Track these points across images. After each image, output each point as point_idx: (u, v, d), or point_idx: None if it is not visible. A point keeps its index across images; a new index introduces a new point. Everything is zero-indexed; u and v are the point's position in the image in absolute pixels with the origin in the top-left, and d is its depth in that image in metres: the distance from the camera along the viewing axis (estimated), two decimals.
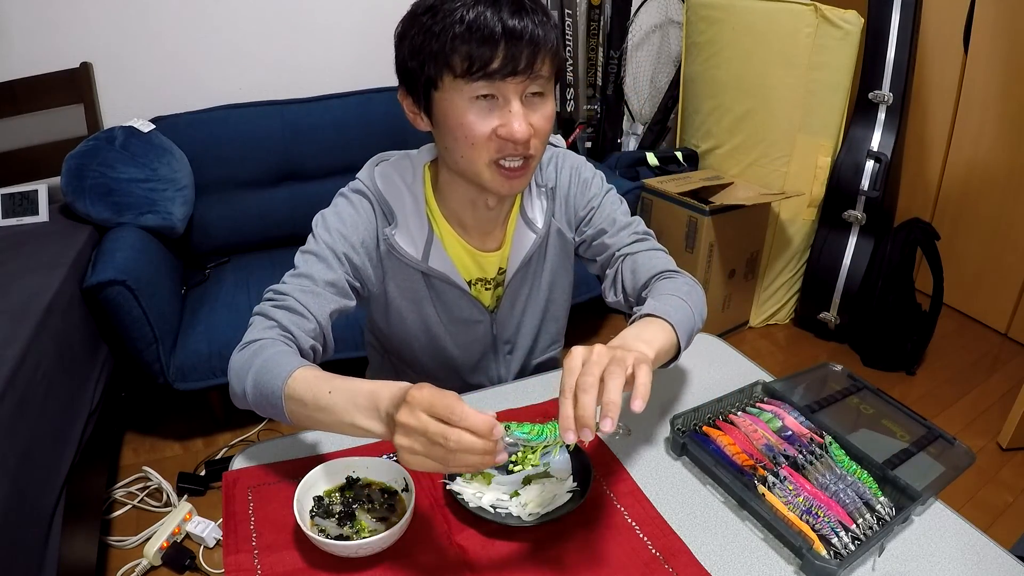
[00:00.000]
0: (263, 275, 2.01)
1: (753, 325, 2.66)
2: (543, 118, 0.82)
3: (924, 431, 0.91)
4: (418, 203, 0.92)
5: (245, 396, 0.78)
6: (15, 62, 1.91)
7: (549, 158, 1.01)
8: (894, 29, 2.26)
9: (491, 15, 0.74)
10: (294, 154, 2.17)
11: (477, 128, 0.79)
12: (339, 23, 2.30)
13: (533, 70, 0.77)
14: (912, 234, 2.28)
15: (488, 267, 0.98)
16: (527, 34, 0.75)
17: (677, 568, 0.69)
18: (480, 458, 0.60)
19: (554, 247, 1.01)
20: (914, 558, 0.72)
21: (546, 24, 0.78)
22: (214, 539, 1.55)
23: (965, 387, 2.29)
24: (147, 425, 1.99)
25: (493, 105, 0.79)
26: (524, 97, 0.79)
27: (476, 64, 0.75)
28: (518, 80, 0.77)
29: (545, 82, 0.80)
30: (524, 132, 0.78)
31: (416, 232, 0.92)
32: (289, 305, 0.83)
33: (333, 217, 0.90)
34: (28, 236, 1.71)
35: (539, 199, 0.99)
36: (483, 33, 0.74)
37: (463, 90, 0.78)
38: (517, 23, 0.75)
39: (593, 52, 2.70)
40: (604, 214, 1.00)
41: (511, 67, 0.75)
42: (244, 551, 0.70)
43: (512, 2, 0.76)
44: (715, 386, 0.98)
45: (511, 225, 0.97)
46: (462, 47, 0.75)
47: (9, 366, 1.15)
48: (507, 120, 0.78)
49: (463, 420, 0.59)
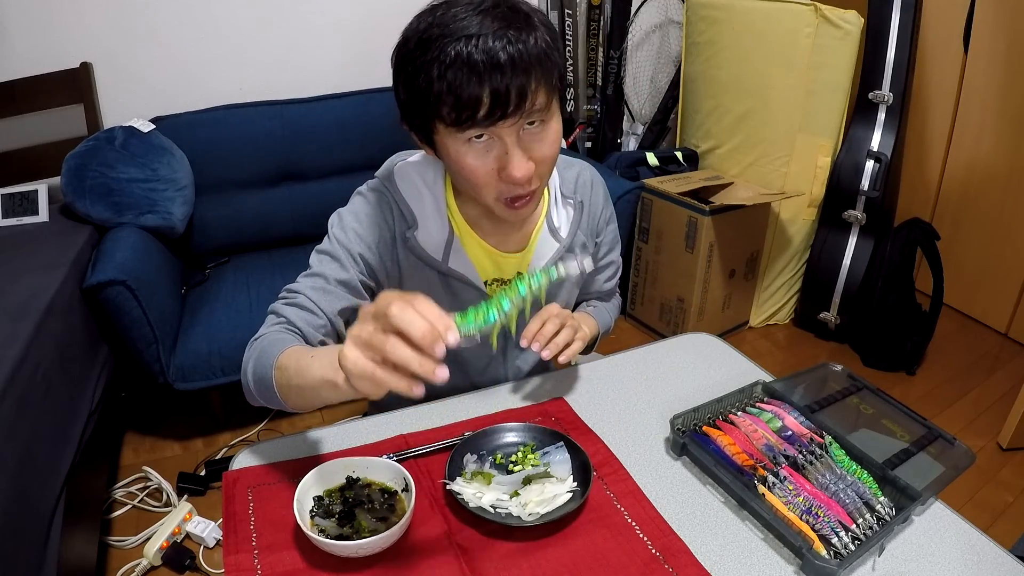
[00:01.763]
0: (263, 275, 2.01)
1: (753, 325, 2.66)
2: (546, 145, 0.79)
3: (924, 431, 0.91)
4: (439, 204, 0.92)
5: (249, 387, 0.79)
6: (15, 62, 1.91)
7: (579, 171, 1.02)
8: (894, 29, 2.26)
9: (474, 52, 0.70)
10: (294, 154, 2.17)
11: (479, 171, 0.79)
12: (339, 23, 2.30)
13: (524, 108, 0.73)
14: (912, 234, 2.28)
15: (507, 268, 0.98)
16: (512, 69, 0.71)
17: (677, 568, 0.69)
18: (419, 358, 0.54)
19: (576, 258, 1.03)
20: (914, 558, 0.72)
21: (534, 45, 0.73)
22: (214, 539, 1.55)
23: (965, 387, 2.29)
24: (147, 425, 1.99)
25: (491, 144, 0.77)
26: (522, 131, 0.77)
27: (463, 114, 0.73)
28: (510, 122, 0.74)
29: (542, 111, 0.76)
30: (524, 173, 0.77)
31: (436, 233, 0.92)
32: (299, 303, 0.84)
33: (350, 216, 0.90)
34: (28, 236, 1.71)
35: (565, 209, 1.00)
36: (466, 79, 0.71)
37: (457, 136, 0.76)
38: (502, 56, 0.70)
39: (593, 52, 2.70)
40: (606, 243, 1.10)
41: (500, 111, 0.73)
42: (244, 551, 0.70)
43: (497, 32, 0.71)
44: (715, 386, 0.98)
45: (536, 232, 0.98)
46: (447, 97, 0.72)
47: (9, 366, 1.15)
48: (505, 163, 0.77)
49: (420, 305, 0.55)
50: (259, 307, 1.84)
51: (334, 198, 1.09)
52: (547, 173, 0.83)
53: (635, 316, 2.67)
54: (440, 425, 0.89)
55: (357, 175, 1.99)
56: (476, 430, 0.85)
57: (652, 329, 2.60)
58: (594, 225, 1.06)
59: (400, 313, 0.54)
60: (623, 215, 2.26)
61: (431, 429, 0.89)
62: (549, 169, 0.83)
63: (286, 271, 1.94)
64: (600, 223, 1.07)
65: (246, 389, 0.82)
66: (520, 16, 0.75)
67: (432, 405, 0.94)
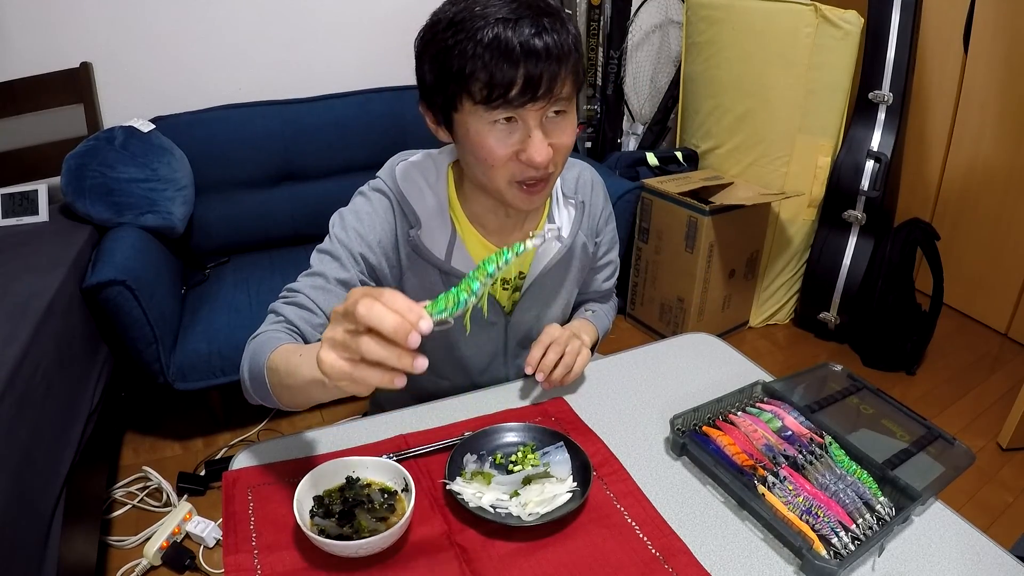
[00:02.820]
0: (263, 275, 2.01)
1: (753, 325, 2.66)
2: (566, 135, 0.82)
3: (924, 431, 0.91)
4: (441, 203, 0.92)
5: (246, 386, 0.80)
6: (15, 62, 1.91)
7: (579, 172, 1.04)
8: (894, 29, 2.26)
9: (512, 36, 0.73)
10: (294, 154, 2.16)
11: (498, 152, 0.80)
12: (339, 23, 2.30)
13: (553, 94, 0.76)
14: (912, 234, 2.28)
15: (509, 268, 0.98)
16: (547, 56, 0.74)
17: (677, 568, 0.69)
18: (391, 351, 0.53)
19: (577, 258, 1.04)
20: (914, 558, 0.72)
21: (566, 39, 0.76)
22: (214, 539, 1.55)
23: (965, 387, 2.29)
24: (147, 425, 1.99)
25: (514, 128, 0.79)
26: (545, 118, 0.79)
27: (495, 92, 0.75)
28: (538, 106, 0.77)
29: (566, 101, 0.80)
30: (544, 158, 0.79)
31: (439, 232, 0.92)
32: (299, 301, 0.84)
33: (351, 216, 0.90)
34: (28, 236, 1.70)
35: (567, 209, 1.01)
36: (502, 60, 0.73)
37: (483, 116, 0.78)
38: (537, 43, 0.73)
39: (593, 52, 2.70)
40: (605, 243, 1.11)
41: (531, 94, 0.75)
42: (244, 551, 0.70)
43: (533, 20, 0.74)
44: (715, 386, 0.98)
45: (538, 230, 0.98)
46: (481, 74, 0.74)
47: (9, 366, 1.15)
48: (527, 146, 0.79)
49: (388, 299, 0.54)
50: (259, 307, 1.84)
51: (334, 198, 1.09)
52: (561, 163, 0.85)
53: (635, 316, 2.67)
54: (440, 425, 0.89)
55: (357, 175, 1.99)
56: (476, 430, 0.85)
57: (652, 329, 2.60)
58: (594, 225, 1.07)
59: (368, 312, 0.52)
60: (623, 215, 2.26)
61: (431, 429, 0.89)
62: (563, 159, 0.85)
63: (286, 271, 1.94)
64: (600, 223, 1.08)
65: (244, 388, 0.83)
66: (552, 10, 0.78)
67: (432, 405, 0.95)
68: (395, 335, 0.52)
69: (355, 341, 0.54)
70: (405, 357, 0.53)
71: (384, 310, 0.52)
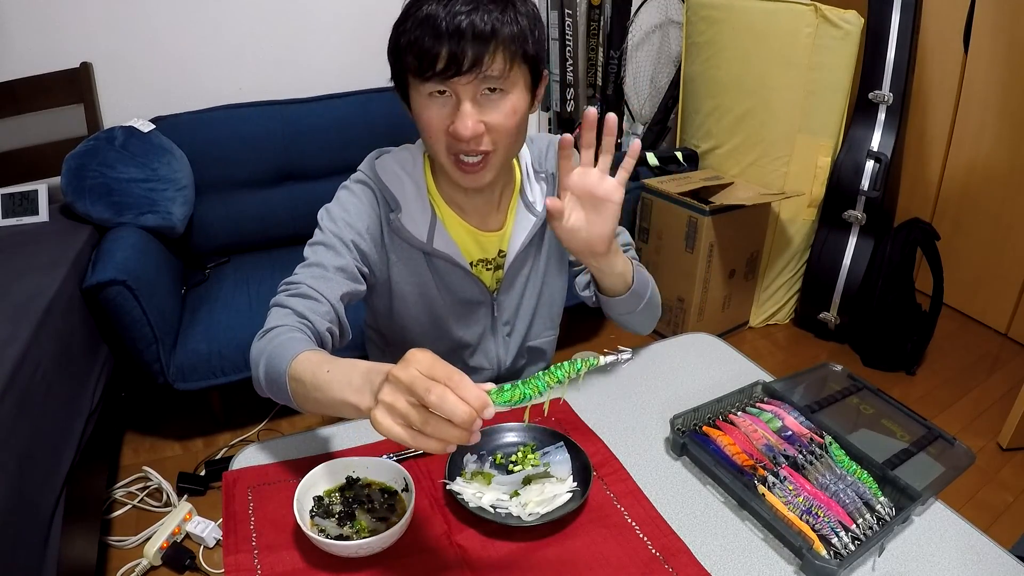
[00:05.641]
0: (263, 275, 2.01)
1: (753, 325, 2.66)
2: (502, 115, 0.82)
3: (924, 431, 0.91)
4: (419, 188, 0.94)
5: (260, 383, 0.80)
6: (15, 62, 1.91)
7: (546, 145, 1.03)
8: (894, 29, 2.26)
9: (443, 12, 0.76)
10: (294, 154, 2.16)
11: (433, 123, 0.83)
12: (339, 23, 2.30)
13: (481, 68, 0.77)
14: (912, 234, 2.28)
15: (489, 247, 0.99)
16: (473, 32, 0.76)
17: (677, 568, 0.69)
18: (457, 432, 0.56)
19: (552, 231, 1.01)
20: (914, 558, 0.72)
21: (507, 21, 0.78)
22: (214, 539, 1.55)
23: (965, 387, 2.29)
24: (147, 425, 1.99)
25: (447, 101, 0.81)
26: (480, 95, 0.80)
27: (424, 64, 0.78)
28: (465, 80, 0.78)
29: (501, 80, 0.80)
30: (469, 131, 0.80)
31: (419, 216, 0.94)
32: (302, 292, 0.85)
33: (337, 208, 0.92)
34: (28, 236, 1.70)
35: (539, 183, 1.01)
36: (429, 34, 0.76)
37: (420, 88, 0.81)
38: (463, 21, 0.76)
39: (593, 52, 2.70)
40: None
41: (454, 68, 0.77)
42: (244, 551, 0.70)
43: (470, 2, 0.76)
44: (715, 386, 0.98)
45: (512, 208, 0.99)
46: (413, 47, 0.78)
47: (9, 366, 1.15)
48: (455, 119, 0.81)
49: (459, 387, 0.56)
50: (259, 307, 1.84)
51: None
52: (501, 142, 0.84)
53: None
54: None
55: None
56: None
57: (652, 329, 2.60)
58: None
59: (441, 403, 0.55)
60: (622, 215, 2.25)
61: None
62: (504, 139, 0.84)
63: (286, 271, 1.89)
64: None
65: (256, 383, 0.82)
66: None
67: None
68: (464, 424, 0.56)
69: (419, 418, 0.56)
70: (465, 435, 0.57)
71: (457, 401, 0.55)
